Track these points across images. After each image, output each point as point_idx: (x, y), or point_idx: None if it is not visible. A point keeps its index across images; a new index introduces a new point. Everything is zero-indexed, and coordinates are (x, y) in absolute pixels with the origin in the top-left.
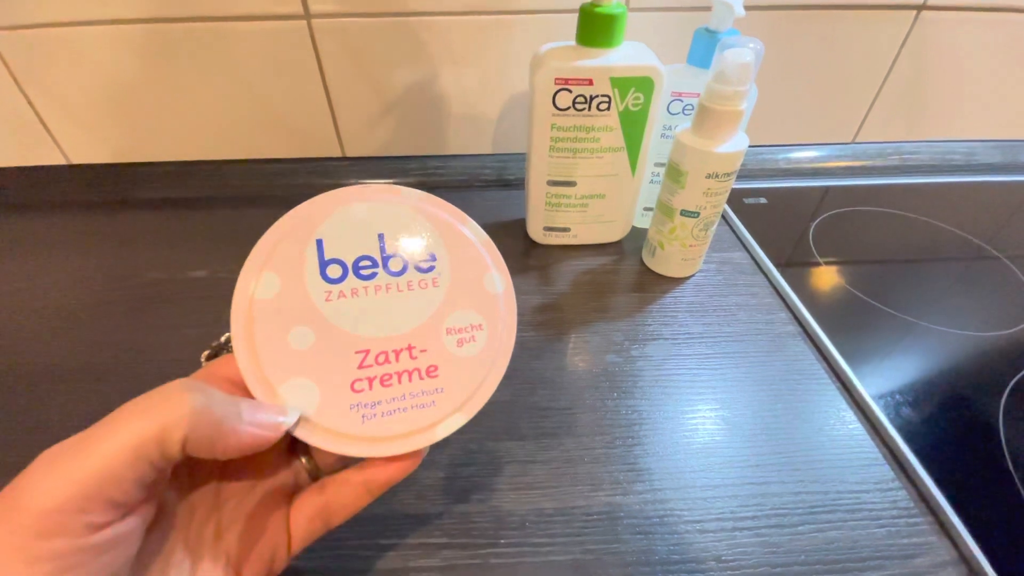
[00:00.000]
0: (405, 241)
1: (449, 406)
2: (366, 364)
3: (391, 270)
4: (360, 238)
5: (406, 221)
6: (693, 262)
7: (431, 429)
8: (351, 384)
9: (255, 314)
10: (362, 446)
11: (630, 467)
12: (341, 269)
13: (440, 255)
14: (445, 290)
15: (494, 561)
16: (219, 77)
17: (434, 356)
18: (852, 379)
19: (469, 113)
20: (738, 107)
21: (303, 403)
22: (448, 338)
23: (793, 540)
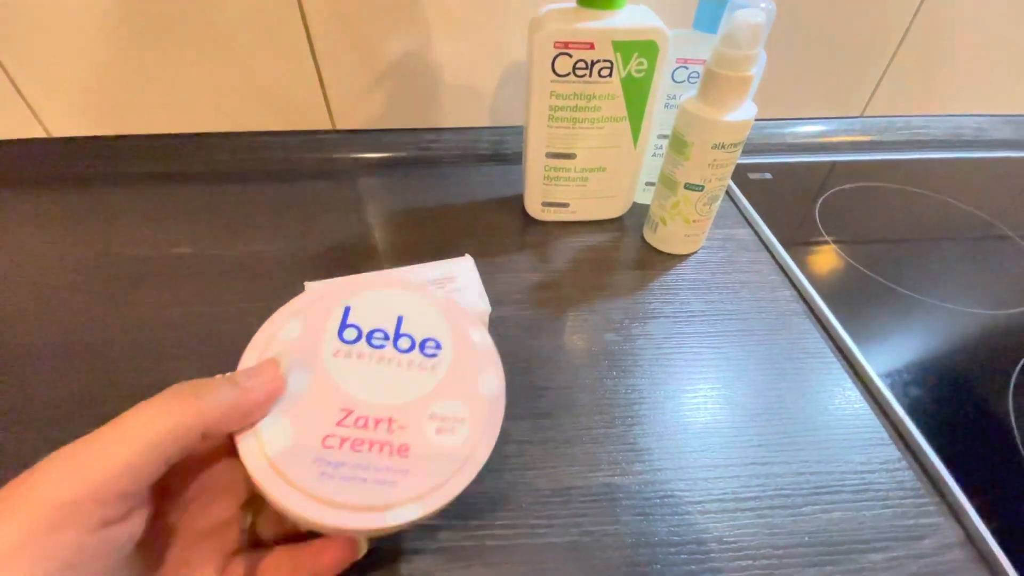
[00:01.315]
0: (418, 327)
1: (409, 492)
2: (344, 423)
3: (399, 347)
4: (382, 314)
5: (426, 311)
6: (696, 238)
7: (383, 511)
8: (324, 438)
9: (270, 350)
10: (309, 504)
11: (629, 447)
12: (356, 333)
13: (445, 346)
14: (441, 377)
15: (490, 543)
16: (203, 46)
17: (411, 436)
18: (858, 357)
19: (465, 83)
20: (747, 72)
21: (275, 440)
22: (429, 423)
23: (796, 521)
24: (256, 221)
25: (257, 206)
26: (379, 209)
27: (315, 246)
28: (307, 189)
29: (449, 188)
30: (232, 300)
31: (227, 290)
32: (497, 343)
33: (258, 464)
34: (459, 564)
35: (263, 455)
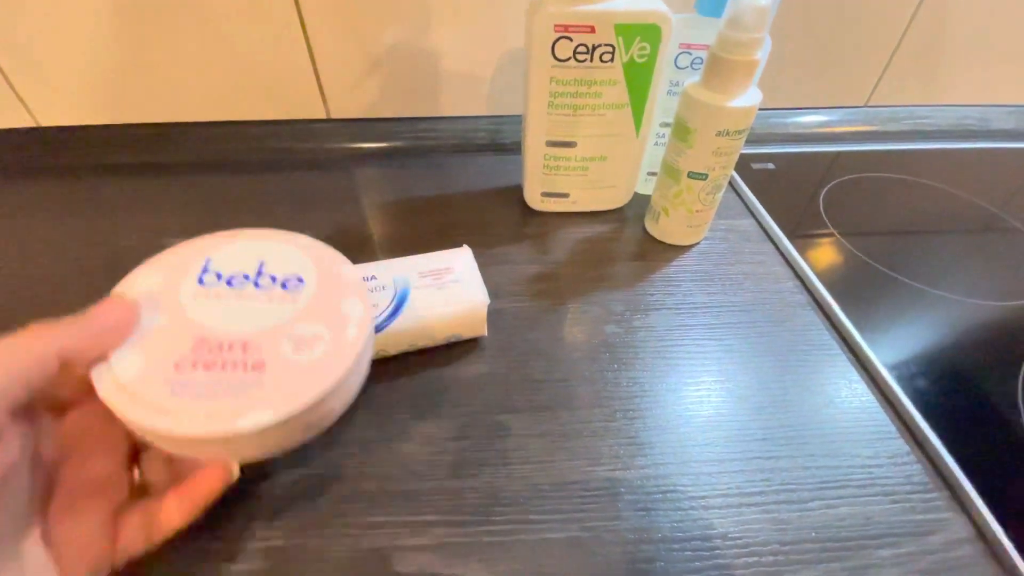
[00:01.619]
0: (280, 267)
1: (261, 399)
2: (198, 350)
3: (259, 284)
4: (243, 262)
5: (289, 256)
6: (699, 229)
7: (233, 418)
8: (175, 363)
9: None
10: (158, 417)
11: (631, 441)
12: (215, 278)
13: (308, 281)
14: (301, 307)
15: (487, 539)
16: (194, 33)
17: (264, 354)
18: (864, 349)
19: (462, 70)
20: (752, 56)
21: (126, 368)
22: (285, 343)
23: (803, 517)
24: (249, 211)
25: (250, 197)
26: (374, 200)
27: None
28: (301, 179)
29: (446, 178)
30: None
31: None
32: (496, 336)
33: (108, 388)
34: (456, 561)
35: (113, 380)
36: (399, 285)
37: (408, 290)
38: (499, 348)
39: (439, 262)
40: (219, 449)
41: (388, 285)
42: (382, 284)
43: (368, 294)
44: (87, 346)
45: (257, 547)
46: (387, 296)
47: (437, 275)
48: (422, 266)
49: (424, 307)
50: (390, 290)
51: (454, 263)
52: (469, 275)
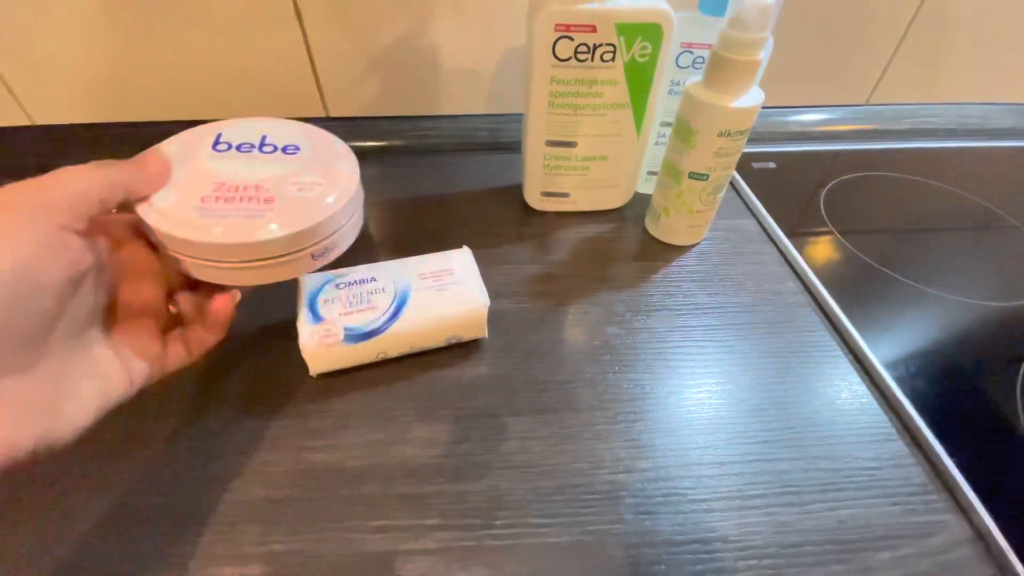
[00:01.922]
0: (280, 139)
1: (272, 220)
2: (218, 190)
3: (263, 149)
4: (248, 135)
5: (288, 130)
6: (699, 229)
7: (251, 230)
8: (201, 198)
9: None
10: (191, 230)
11: (633, 443)
12: (227, 146)
13: (304, 148)
14: (300, 163)
15: (490, 543)
16: (191, 30)
17: (274, 192)
18: (865, 351)
19: (463, 69)
20: (755, 57)
21: (162, 200)
22: (290, 187)
23: (803, 519)
24: None
25: None
26: (374, 199)
27: None
28: None
29: (446, 177)
30: None
31: None
32: (497, 337)
33: (151, 214)
34: (458, 565)
35: (155, 209)
36: (399, 287)
37: (408, 292)
38: (500, 350)
39: (439, 264)
40: (239, 255)
41: (388, 287)
42: (382, 286)
43: (356, 160)
44: (141, 185)
45: (258, 551)
46: (387, 298)
47: (437, 277)
48: (422, 268)
49: (424, 309)
50: (390, 292)
51: (454, 264)
52: (469, 276)
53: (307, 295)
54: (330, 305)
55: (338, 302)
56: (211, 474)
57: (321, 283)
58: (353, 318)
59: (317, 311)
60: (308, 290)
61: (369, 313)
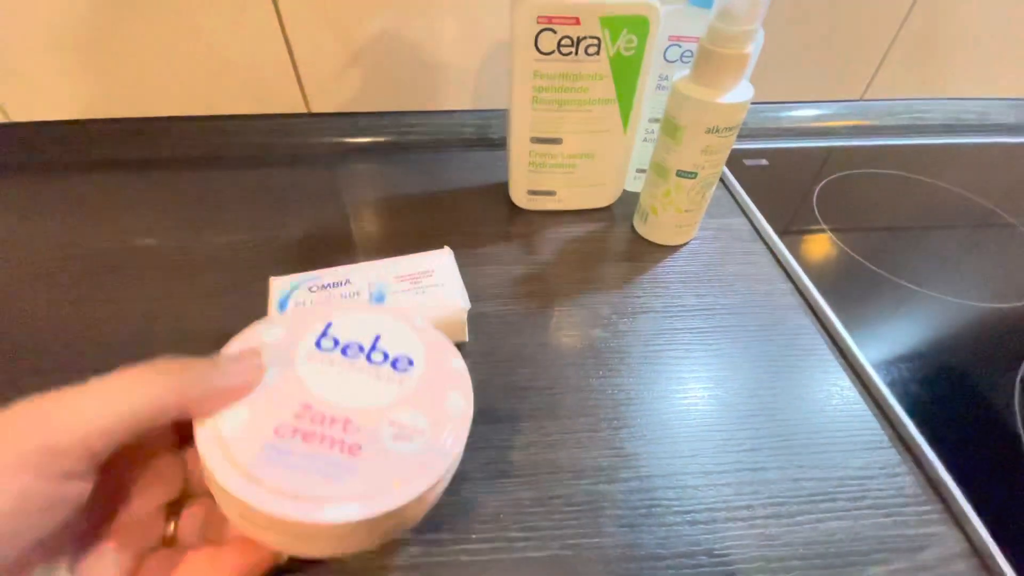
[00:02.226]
0: (395, 346)
1: (351, 491)
2: (301, 416)
3: (371, 359)
4: (361, 331)
5: (404, 335)
6: (688, 228)
7: (320, 505)
8: (276, 427)
9: (251, 344)
10: (247, 485)
11: (616, 452)
12: (333, 343)
13: (417, 364)
14: (408, 390)
15: (464, 559)
16: (167, 24)
17: (365, 438)
18: (857, 355)
19: (448, 63)
20: (744, 50)
21: (229, 423)
22: (386, 428)
23: (791, 532)
24: (225, 210)
25: (226, 194)
26: (356, 197)
27: (288, 237)
28: (280, 176)
29: (431, 175)
30: (199, 294)
31: (194, 283)
32: (478, 341)
33: (207, 440)
34: None
35: (214, 432)
36: (374, 290)
37: (384, 295)
38: (481, 354)
39: (418, 265)
40: (289, 535)
41: (362, 290)
42: (356, 289)
43: (471, 389)
44: (211, 404)
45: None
46: (361, 301)
47: (415, 279)
48: (400, 269)
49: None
50: (364, 295)
51: (434, 266)
52: (449, 278)
53: (276, 298)
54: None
55: (309, 306)
56: None
57: (292, 286)
58: None
59: (287, 307)
60: (277, 293)
61: None
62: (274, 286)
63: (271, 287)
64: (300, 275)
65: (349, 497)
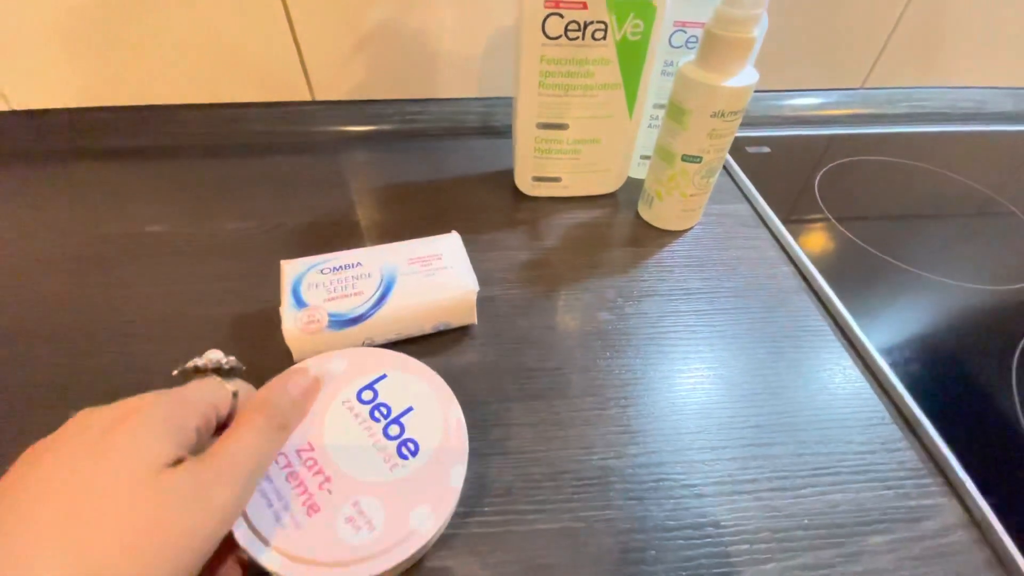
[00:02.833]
0: (418, 425)
1: (284, 545)
2: (301, 452)
3: (388, 432)
4: (401, 398)
5: (435, 419)
6: (693, 213)
7: (260, 547)
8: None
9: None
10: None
11: (623, 429)
12: (372, 396)
13: (421, 455)
14: (393, 480)
15: (478, 531)
16: (172, 11)
17: (327, 504)
18: (858, 335)
19: (453, 50)
20: (749, 34)
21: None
22: (348, 507)
23: (795, 503)
24: (231, 198)
25: (232, 182)
26: (361, 184)
27: (293, 224)
28: (285, 163)
29: (436, 162)
30: (205, 281)
31: (200, 270)
32: (486, 324)
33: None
34: (445, 552)
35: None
36: (385, 272)
37: (395, 277)
38: (490, 336)
39: (427, 249)
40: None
41: (374, 272)
42: (367, 271)
43: (451, 507)
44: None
45: None
46: (373, 284)
47: (425, 262)
48: (410, 253)
49: (411, 294)
50: (376, 277)
51: (443, 250)
52: (458, 261)
53: (290, 280)
54: (314, 291)
55: (322, 287)
56: None
57: (304, 268)
58: (338, 304)
59: (300, 296)
60: (291, 275)
61: (354, 299)
62: (286, 270)
63: (283, 271)
64: (313, 258)
65: (280, 549)
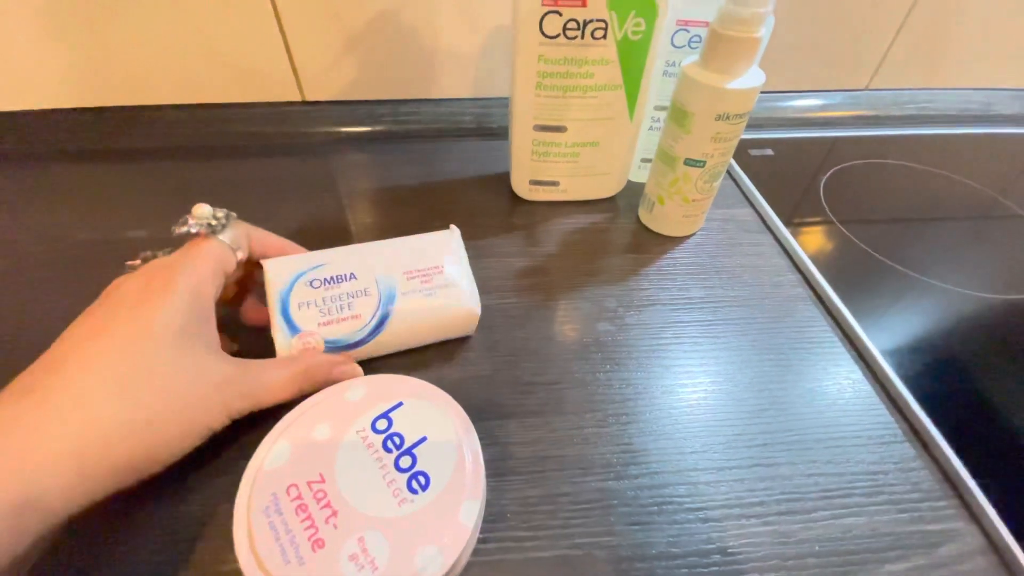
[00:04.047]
0: (430, 457)
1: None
2: (311, 484)
3: (399, 464)
4: (415, 427)
5: (448, 451)
6: (695, 219)
7: (263, 571)
8: (289, 485)
9: (335, 394)
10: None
11: (624, 448)
12: (386, 424)
13: (431, 490)
14: (401, 515)
15: (471, 559)
16: (159, 10)
17: (333, 539)
18: (868, 347)
19: (447, 49)
20: (755, 34)
21: (275, 458)
22: (353, 544)
23: (806, 528)
24: (220, 201)
25: (220, 185)
26: (353, 188)
27: (283, 228)
28: (274, 166)
29: (430, 165)
30: None
31: None
32: (483, 334)
33: (251, 467)
34: None
35: (259, 462)
36: (383, 289)
37: (394, 297)
38: (486, 348)
39: (425, 255)
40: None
41: (371, 288)
42: (364, 287)
43: (460, 548)
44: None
45: (221, 570)
46: (370, 304)
47: (426, 277)
48: (407, 262)
49: (412, 316)
50: (373, 296)
51: (442, 257)
52: (460, 274)
53: (278, 296)
54: (306, 312)
55: (314, 307)
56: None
57: (291, 278)
58: (334, 329)
59: (292, 318)
60: (278, 288)
61: (352, 323)
62: (270, 275)
63: (267, 276)
64: (299, 263)
65: None
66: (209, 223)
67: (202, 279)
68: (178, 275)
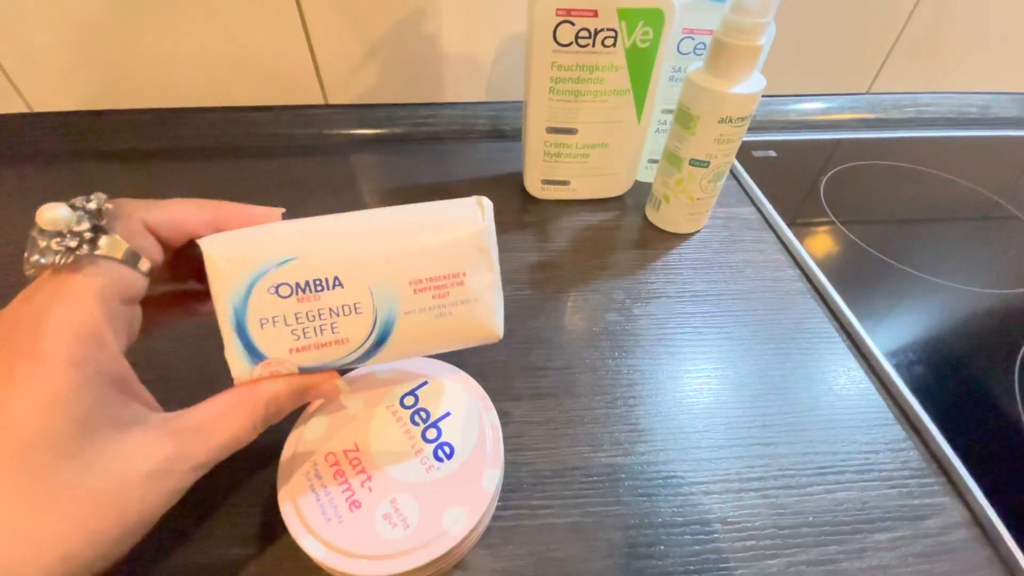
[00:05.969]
0: (455, 430)
1: (329, 537)
2: (348, 453)
3: (426, 436)
4: (440, 401)
5: (469, 423)
6: (699, 217)
7: (304, 533)
8: (327, 453)
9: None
10: (283, 480)
11: (632, 428)
12: (413, 400)
13: (456, 459)
14: (426, 481)
15: (490, 525)
16: (189, 16)
17: (367, 500)
18: (863, 337)
19: (463, 55)
20: (756, 42)
21: (312, 431)
22: (386, 504)
23: (801, 501)
24: (244, 200)
25: (245, 184)
26: (373, 187)
27: None
28: (298, 166)
29: (445, 165)
30: None
31: None
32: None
33: (293, 437)
34: None
35: (300, 435)
36: (380, 310)
37: (394, 320)
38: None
39: (444, 256)
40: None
41: (364, 303)
42: (354, 300)
43: (483, 510)
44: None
45: (264, 533)
46: (363, 326)
47: (440, 290)
48: (416, 266)
49: (413, 344)
50: (368, 313)
51: (467, 262)
52: (485, 285)
53: (229, 305)
54: (272, 332)
55: (281, 325)
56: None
57: (247, 279)
58: (311, 356)
59: (251, 340)
60: (228, 296)
61: (335, 348)
62: (216, 270)
63: (207, 263)
64: (254, 244)
65: (323, 539)
66: (71, 232)
67: (87, 333)
68: (44, 344)
